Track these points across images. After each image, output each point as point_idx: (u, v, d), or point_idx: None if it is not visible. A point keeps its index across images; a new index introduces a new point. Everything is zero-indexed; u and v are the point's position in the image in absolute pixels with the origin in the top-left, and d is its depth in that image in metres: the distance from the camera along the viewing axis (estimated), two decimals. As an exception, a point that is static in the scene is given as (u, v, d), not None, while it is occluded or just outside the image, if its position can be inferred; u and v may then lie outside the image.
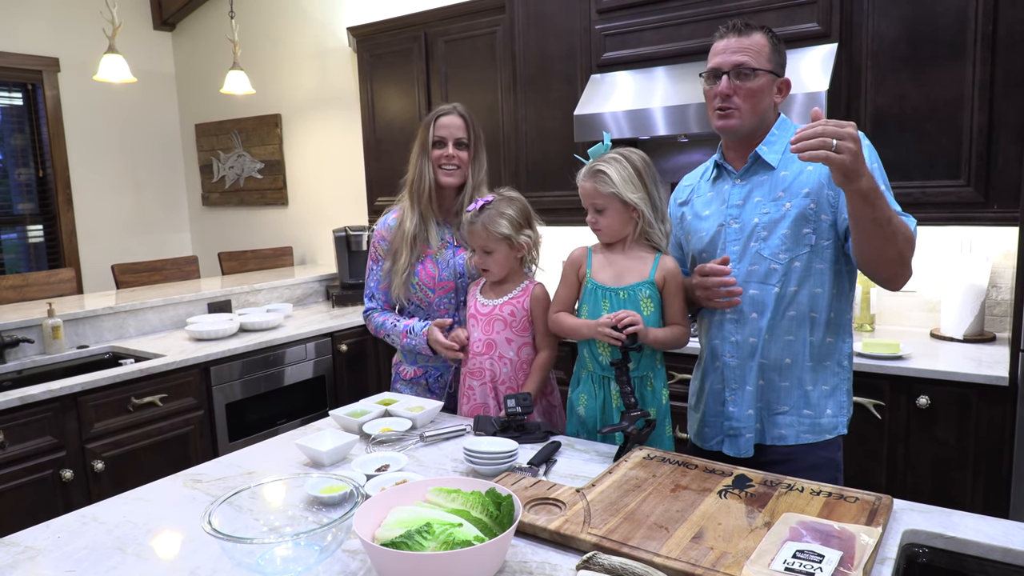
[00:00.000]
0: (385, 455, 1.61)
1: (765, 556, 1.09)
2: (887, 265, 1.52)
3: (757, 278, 1.65)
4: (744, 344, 1.67)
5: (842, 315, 1.66)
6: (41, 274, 3.78)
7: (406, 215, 2.07)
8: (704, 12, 2.77)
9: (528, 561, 1.17)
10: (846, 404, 1.69)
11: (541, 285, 1.96)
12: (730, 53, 1.62)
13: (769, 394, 1.67)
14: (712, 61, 1.66)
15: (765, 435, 1.68)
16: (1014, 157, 2.30)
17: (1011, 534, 1.21)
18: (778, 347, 1.65)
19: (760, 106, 1.63)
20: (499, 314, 1.93)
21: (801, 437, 1.65)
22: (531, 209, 1.98)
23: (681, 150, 3.28)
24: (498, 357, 1.93)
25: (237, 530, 1.11)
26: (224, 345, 3.08)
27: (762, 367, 1.67)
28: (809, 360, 1.65)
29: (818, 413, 1.65)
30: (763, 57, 1.61)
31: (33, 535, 1.33)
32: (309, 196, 4.99)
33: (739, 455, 1.68)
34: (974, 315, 2.57)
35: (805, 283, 1.62)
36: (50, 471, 2.46)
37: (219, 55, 5.10)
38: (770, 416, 1.68)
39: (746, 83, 1.61)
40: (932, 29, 2.39)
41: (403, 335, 2.06)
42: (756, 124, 1.65)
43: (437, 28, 3.71)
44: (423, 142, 2.05)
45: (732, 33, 1.63)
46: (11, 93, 4.75)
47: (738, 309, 1.67)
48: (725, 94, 1.62)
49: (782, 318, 1.64)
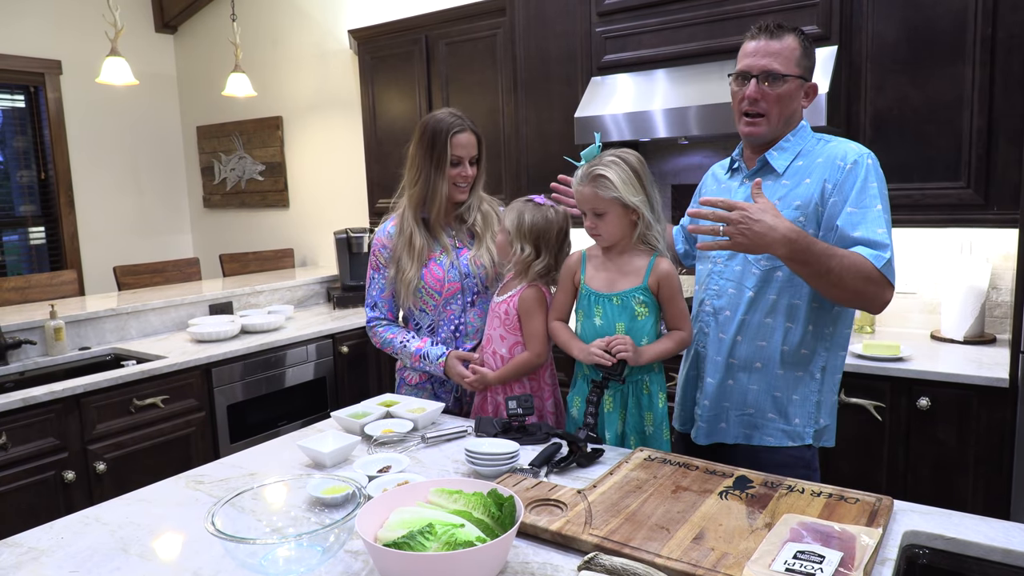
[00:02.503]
0: (387, 456, 1.61)
1: (766, 557, 1.10)
2: (847, 302, 1.56)
3: (739, 278, 1.67)
4: (714, 338, 1.72)
5: (823, 328, 1.64)
6: (43, 276, 3.79)
7: (407, 224, 2.03)
8: (704, 15, 2.77)
9: (530, 562, 1.18)
10: (815, 415, 1.66)
11: (534, 287, 1.90)
12: (760, 56, 1.60)
13: (736, 394, 1.69)
14: (742, 62, 1.64)
15: (728, 433, 1.71)
16: (1014, 159, 2.31)
17: (1011, 535, 1.21)
18: (749, 349, 1.67)
19: (787, 111, 1.63)
20: (497, 311, 1.94)
21: (764, 440, 1.67)
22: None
23: (681, 152, 3.29)
24: (492, 352, 1.94)
25: (240, 531, 1.11)
26: (225, 347, 3.09)
27: (731, 366, 1.69)
28: (780, 368, 1.65)
29: (786, 420, 1.66)
30: (792, 62, 1.60)
31: (36, 536, 1.33)
32: (310, 198, 5.00)
33: (697, 441, 1.76)
34: (974, 317, 2.57)
35: (785, 293, 1.63)
36: (52, 472, 2.47)
37: (220, 57, 5.11)
38: (737, 416, 1.70)
39: (775, 89, 1.60)
40: (932, 31, 2.39)
41: (414, 359, 2.03)
42: (782, 129, 1.66)
43: (438, 31, 3.72)
44: (438, 159, 1.98)
45: (764, 35, 1.62)
46: (13, 95, 4.76)
47: (716, 303, 1.72)
48: (753, 98, 1.61)
49: (756, 322, 1.65)
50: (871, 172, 1.56)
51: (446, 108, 2.08)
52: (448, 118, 1.99)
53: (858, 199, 1.53)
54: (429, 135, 1.99)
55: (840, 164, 1.58)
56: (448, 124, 1.98)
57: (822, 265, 1.45)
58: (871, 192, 1.54)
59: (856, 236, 1.51)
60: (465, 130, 1.99)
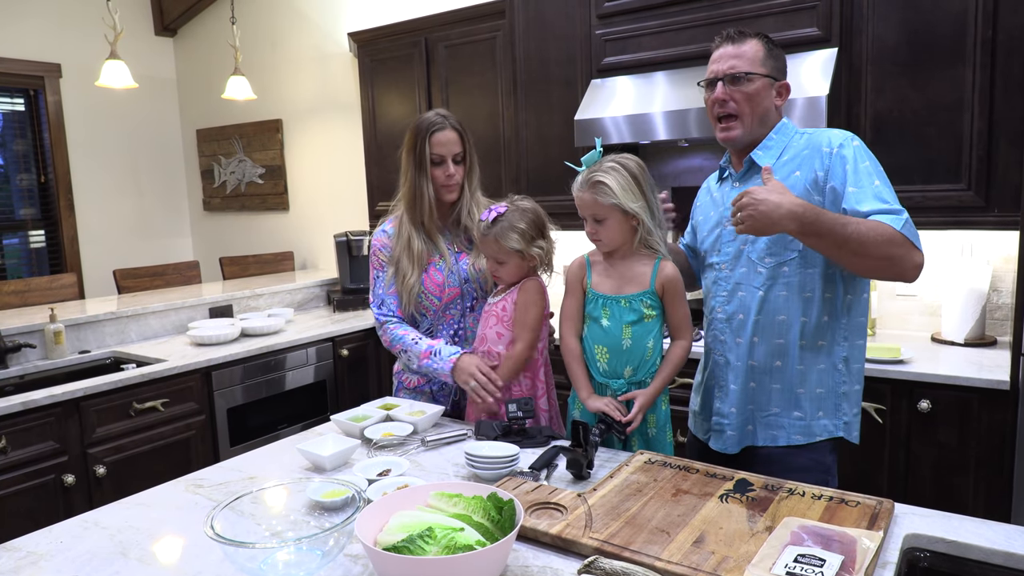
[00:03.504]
0: (387, 460, 1.61)
1: (766, 560, 1.09)
2: (876, 271, 1.53)
3: (747, 280, 1.68)
4: (731, 344, 1.71)
5: (838, 319, 1.64)
6: (43, 279, 3.78)
7: (405, 228, 2.02)
8: (704, 17, 2.78)
9: (530, 566, 1.18)
10: (843, 408, 1.66)
11: (536, 280, 1.91)
12: (724, 60, 1.67)
13: (760, 396, 1.69)
14: (708, 70, 1.71)
15: (756, 436, 1.70)
16: (1014, 161, 2.31)
17: (1013, 538, 1.21)
18: (767, 349, 1.66)
19: (758, 110, 1.66)
20: (493, 310, 1.93)
21: (792, 439, 1.66)
22: (545, 217, 1.92)
23: (682, 154, 3.29)
24: (487, 351, 1.92)
25: (239, 535, 1.11)
26: (225, 350, 3.08)
27: (752, 369, 1.69)
28: (799, 363, 1.65)
29: (809, 416, 1.65)
30: (757, 62, 1.65)
31: (35, 540, 1.33)
32: (310, 201, 5.00)
33: (724, 451, 1.72)
34: (975, 319, 2.57)
35: (794, 288, 1.63)
36: (52, 476, 2.47)
37: (220, 60, 5.11)
38: (763, 417, 1.69)
39: (740, 87, 1.65)
40: (932, 34, 2.39)
41: (424, 355, 1.97)
42: (757, 129, 1.68)
43: (438, 33, 3.72)
44: (419, 160, 1.97)
45: (726, 42, 1.69)
46: (13, 99, 4.76)
47: (727, 309, 1.71)
48: (721, 99, 1.66)
49: (770, 321, 1.65)
50: (859, 152, 1.57)
51: (434, 109, 2.08)
52: (431, 117, 1.99)
53: (855, 179, 1.55)
54: (411, 136, 2.00)
55: (827, 151, 1.59)
56: (428, 123, 1.97)
57: (837, 234, 1.45)
58: (864, 170, 1.55)
59: (865, 210, 1.50)
60: (445, 128, 1.96)
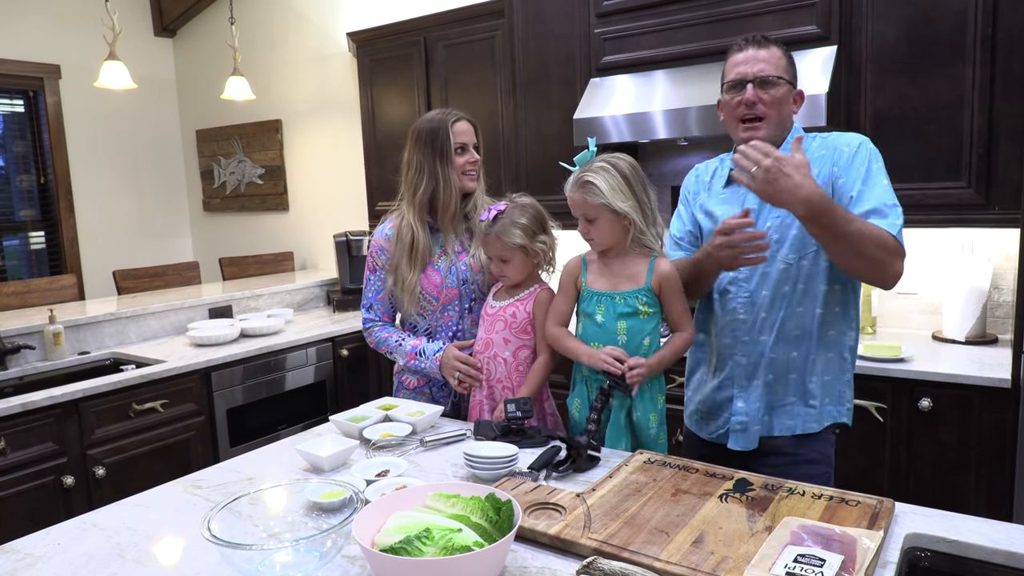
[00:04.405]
0: (385, 460, 1.61)
1: (766, 560, 1.09)
2: (860, 272, 1.59)
3: (771, 279, 1.68)
4: (755, 343, 1.71)
5: (847, 308, 1.70)
6: (42, 280, 3.79)
7: (407, 228, 2.00)
8: (702, 16, 2.77)
9: (528, 566, 1.17)
10: (846, 395, 1.73)
11: (548, 290, 1.94)
12: (752, 63, 1.67)
13: (778, 387, 1.71)
14: (734, 71, 1.70)
15: (772, 427, 1.72)
16: (1015, 159, 2.30)
17: (1014, 537, 1.21)
18: (786, 343, 1.69)
19: (783, 114, 1.69)
20: (501, 315, 1.93)
21: (807, 427, 1.70)
22: (545, 213, 1.94)
23: (681, 153, 3.28)
24: (493, 356, 1.92)
25: (237, 536, 1.11)
26: (225, 351, 3.08)
27: (772, 362, 1.70)
28: (814, 353, 1.68)
29: (819, 402, 1.70)
30: (781, 68, 1.67)
31: (32, 542, 1.33)
32: (310, 201, 5.00)
33: (746, 448, 1.72)
34: (976, 317, 2.57)
35: (813, 280, 1.66)
36: (51, 477, 2.46)
37: (220, 61, 5.11)
38: (779, 407, 1.71)
39: (770, 91, 1.65)
40: (932, 31, 2.39)
41: (410, 356, 2.02)
42: (779, 133, 1.70)
43: (437, 33, 3.71)
44: (442, 150, 1.98)
45: (752, 45, 1.69)
46: (12, 100, 4.76)
47: (752, 309, 1.70)
48: (751, 101, 1.65)
49: (791, 315, 1.68)
50: (874, 154, 1.64)
51: (436, 109, 2.11)
52: (441, 114, 2.05)
53: (865, 176, 1.60)
54: (427, 133, 2.02)
55: (845, 149, 1.65)
56: (444, 116, 2.03)
57: (841, 229, 1.47)
58: (875, 170, 1.61)
59: (867, 208, 1.57)
60: (462, 119, 2.04)
